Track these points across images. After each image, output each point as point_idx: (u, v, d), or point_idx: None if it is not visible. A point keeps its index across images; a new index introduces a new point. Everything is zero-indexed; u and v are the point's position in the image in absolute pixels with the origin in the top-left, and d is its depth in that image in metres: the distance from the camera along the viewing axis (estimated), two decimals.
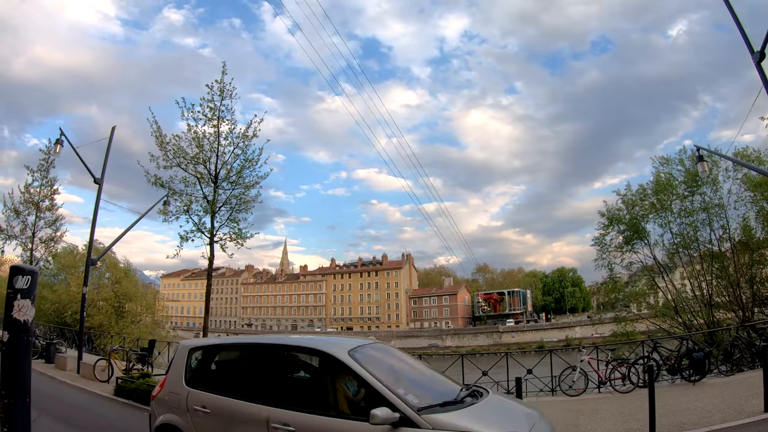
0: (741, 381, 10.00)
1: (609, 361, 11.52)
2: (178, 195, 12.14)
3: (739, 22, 10.59)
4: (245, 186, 12.27)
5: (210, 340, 6.08)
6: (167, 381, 5.48)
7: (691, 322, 19.71)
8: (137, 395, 10.48)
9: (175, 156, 11.72)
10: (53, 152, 17.65)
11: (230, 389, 4.85)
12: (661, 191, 21.34)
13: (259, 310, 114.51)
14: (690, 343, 11.97)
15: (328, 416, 4.00)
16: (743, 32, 10.51)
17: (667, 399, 8.84)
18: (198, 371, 5.37)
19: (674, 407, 8.27)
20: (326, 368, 4.51)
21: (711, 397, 8.81)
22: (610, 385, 10.90)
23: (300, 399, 4.36)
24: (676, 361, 10.90)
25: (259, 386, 4.63)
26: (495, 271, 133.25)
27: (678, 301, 21.14)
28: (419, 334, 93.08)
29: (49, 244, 21.99)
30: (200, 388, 5.03)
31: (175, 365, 5.52)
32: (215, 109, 11.92)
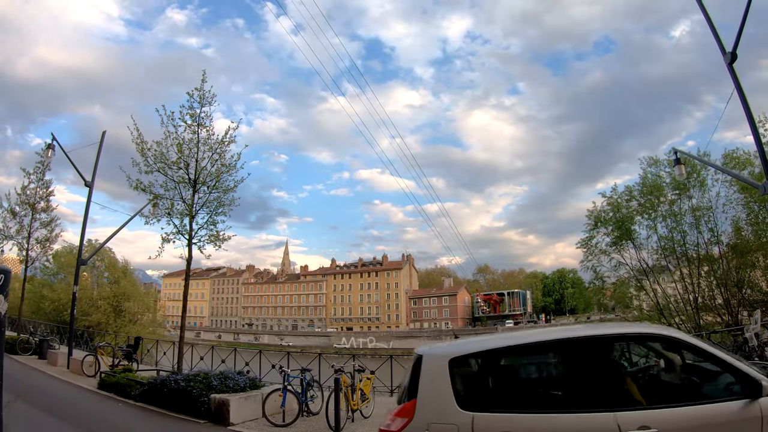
0: None
1: None
2: (159, 198, 12.42)
3: (711, 21, 10.69)
4: (223, 190, 12.53)
5: (481, 344, 4.41)
6: (418, 409, 3.84)
7: (678, 326, 19.30)
8: (118, 389, 10.92)
9: (156, 161, 12.02)
10: (45, 156, 18.00)
11: (540, 401, 3.89)
12: (648, 193, 21.28)
13: (260, 309, 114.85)
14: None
15: (690, 405, 3.44)
16: (716, 33, 10.55)
17: None
18: (478, 387, 4.07)
19: None
20: (672, 352, 3.99)
21: None
22: None
23: (649, 393, 3.75)
24: None
25: (588, 389, 3.70)
26: (496, 271, 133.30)
27: (664, 304, 21.08)
28: (418, 335, 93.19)
29: (45, 245, 22.28)
30: (492, 410, 3.71)
31: (429, 385, 3.91)
32: (195, 116, 12.20)
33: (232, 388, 9.09)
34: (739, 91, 9.90)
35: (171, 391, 9.33)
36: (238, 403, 8.53)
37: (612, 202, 22.29)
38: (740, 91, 9.89)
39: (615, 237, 22.16)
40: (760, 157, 9.93)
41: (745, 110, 9.81)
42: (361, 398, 9.05)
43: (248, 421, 8.51)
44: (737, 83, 9.87)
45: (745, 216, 19.04)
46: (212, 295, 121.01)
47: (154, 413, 9.27)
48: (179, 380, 9.44)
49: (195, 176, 12.24)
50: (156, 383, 9.90)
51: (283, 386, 8.59)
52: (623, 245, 22.14)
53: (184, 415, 8.84)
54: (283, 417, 8.42)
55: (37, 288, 40.50)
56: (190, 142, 12.19)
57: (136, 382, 10.77)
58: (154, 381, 10.15)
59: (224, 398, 8.50)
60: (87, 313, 35.13)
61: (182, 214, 12.37)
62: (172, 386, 9.38)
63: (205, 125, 12.44)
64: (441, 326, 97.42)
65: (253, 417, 8.59)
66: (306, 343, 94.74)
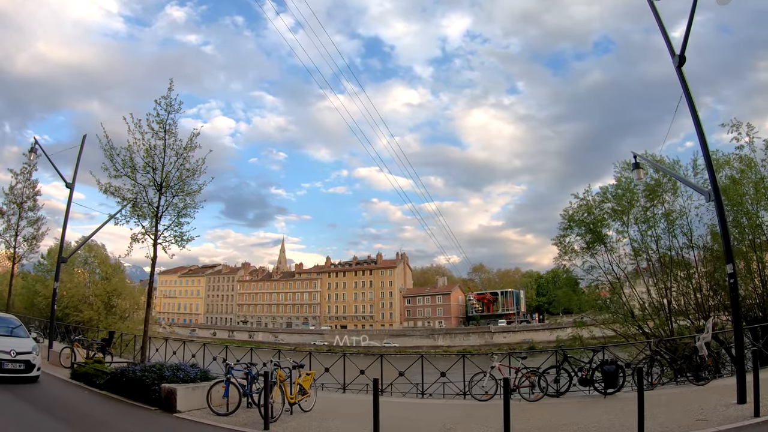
0: (649, 397, 9.55)
1: (519, 368, 11.57)
2: (129, 202, 13.20)
3: (662, 23, 10.30)
4: (186, 193, 13.32)
5: None
6: None
7: (654, 330, 19.35)
8: (87, 378, 11.82)
9: (124, 167, 12.80)
10: (28, 159, 18.80)
11: None
12: (622, 196, 20.97)
13: (255, 307, 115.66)
14: (603, 354, 12.13)
15: None
16: (666, 36, 10.25)
17: (558, 411, 9.39)
18: None
19: (555, 421, 8.65)
20: None
21: (605, 413, 8.87)
22: (518, 392, 11.07)
23: None
24: (588, 372, 10.94)
25: None
26: (491, 271, 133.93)
27: (636, 308, 20.94)
28: (411, 333, 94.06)
29: (32, 242, 23.07)
30: None
31: None
32: (162, 123, 12.98)
33: (183, 379, 9.92)
34: (686, 95, 9.80)
35: (129, 381, 10.20)
36: (184, 393, 9.35)
37: (584, 204, 22.17)
38: (687, 94, 9.77)
39: (587, 241, 22.08)
40: (706, 163, 9.98)
41: (692, 114, 9.70)
42: (301, 393, 9.77)
43: (194, 410, 9.31)
44: (685, 86, 9.76)
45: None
46: (208, 292, 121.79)
47: (114, 400, 10.16)
48: (137, 370, 10.31)
49: (161, 180, 13.01)
50: (117, 373, 10.78)
51: (226, 378, 9.40)
52: (596, 249, 22.05)
53: (139, 403, 9.69)
54: (226, 407, 9.21)
55: (31, 284, 41.34)
56: (156, 148, 12.93)
57: (103, 372, 11.65)
58: (116, 371, 11.00)
59: (173, 387, 9.31)
60: (79, 310, 35.89)
61: (150, 216, 13.15)
62: (129, 376, 10.26)
63: (172, 131, 13.18)
64: (435, 325, 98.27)
65: (200, 406, 9.38)
66: (300, 341, 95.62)
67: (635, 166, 14.52)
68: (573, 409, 9.54)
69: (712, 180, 9.74)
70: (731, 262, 9.12)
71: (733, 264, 9.14)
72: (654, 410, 8.28)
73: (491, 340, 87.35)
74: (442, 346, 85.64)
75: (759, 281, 17.29)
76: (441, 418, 9.44)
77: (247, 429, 8.18)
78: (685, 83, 9.73)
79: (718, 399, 8.70)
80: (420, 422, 9.34)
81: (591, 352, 12.26)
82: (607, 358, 12.11)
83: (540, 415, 9.19)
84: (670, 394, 10.10)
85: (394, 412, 10.10)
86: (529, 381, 11.18)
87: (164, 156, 13.05)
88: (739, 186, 17.26)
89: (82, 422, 8.26)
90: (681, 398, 9.40)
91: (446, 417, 9.49)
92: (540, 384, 11.08)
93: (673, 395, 9.82)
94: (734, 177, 17.67)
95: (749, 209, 17.31)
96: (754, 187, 17.25)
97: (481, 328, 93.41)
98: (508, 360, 12.40)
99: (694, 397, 9.39)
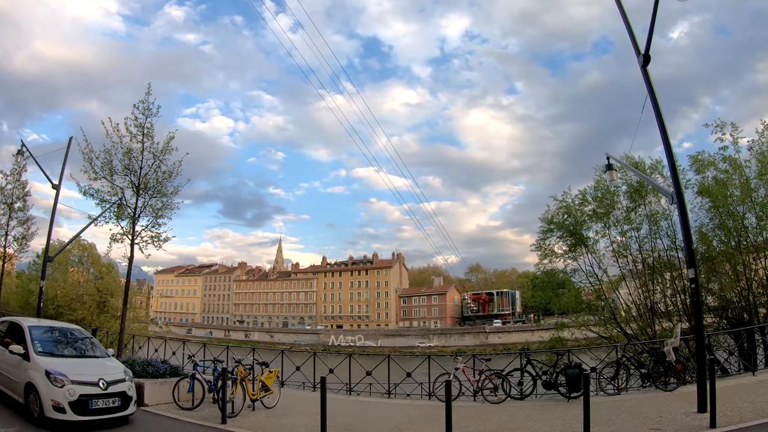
0: (612, 403, 9.90)
1: (482, 371, 11.61)
2: (110, 204, 13.68)
3: (627, 21, 10.31)
4: (162, 194, 13.82)
5: None
6: None
7: (636, 332, 19.04)
8: None
9: (102, 169, 13.29)
10: (15, 162, 19.28)
11: None
12: (602, 198, 20.60)
13: (251, 307, 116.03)
14: (569, 357, 12.10)
15: None
16: (632, 35, 10.28)
17: (516, 414, 9.60)
18: None
19: (511, 424, 8.86)
20: None
21: (561, 418, 8.93)
22: (480, 394, 11.25)
23: None
24: (552, 376, 10.94)
25: None
26: (488, 271, 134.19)
27: (617, 311, 20.79)
28: (406, 333, 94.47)
29: (22, 242, 23.53)
30: None
31: None
32: (141, 127, 13.46)
33: (152, 374, 10.39)
34: (651, 95, 9.64)
35: None
36: (152, 387, 9.85)
37: (564, 206, 21.85)
38: (652, 94, 9.63)
39: (569, 244, 21.84)
40: (669, 165, 9.74)
41: (656, 116, 9.50)
42: (264, 390, 10.18)
43: (162, 404, 9.81)
44: (650, 86, 9.60)
45: (708, 221, 18.27)
46: (204, 291, 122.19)
47: None
48: None
49: (138, 182, 13.49)
50: None
51: (191, 374, 9.88)
52: (578, 252, 21.79)
53: None
54: (192, 402, 9.68)
55: (26, 283, 41.80)
56: (133, 151, 13.43)
57: None
58: None
59: (141, 382, 9.78)
60: (72, 309, 36.30)
61: (128, 217, 13.63)
62: None
63: (150, 135, 13.67)
64: (430, 325, 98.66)
65: (167, 401, 9.85)
66: (296, 341, 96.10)
67: (608, 167, 14.23)
68: (531, 413, 9.66)
69: (675, 182, 9.43)
70: (693, 266, 8.89)
71: (695, 269, 8.89)
72: (612, 416, 8.49)
73: (486, 341, 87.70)
74: (437, 346, 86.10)
75: (745, 284, 16.99)
76: (398, 417, 9.76)
77: (205, 423, 8.64)
78: (650, 83, 9.63)
79: (681, 407, 8.67)
80: (376, 421, 9.66)
81: (555, 355, 12.11)
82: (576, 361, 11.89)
83: (497, 417, 9.38)
84: (635, 399, 10.08)
85: (357, 410, 10.56)
86: (492, 383, 11.23)
87: (142, 158, 13.54)
88: (724, 188, 16.98)
89: None
90: (644, 405, 9.38)
91: (404, 417, 9.83)
92: (504, 386, 11.13)
93: (637, 401, 9.80)
94: (719, 179, 17.34)
95: (734, 211, 17.07)
96: (740, 188, 16.97)
97: (476, 328, 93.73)
98: (473, 362, 12.43)
99: (657, 403, 9.36)
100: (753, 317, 16.73)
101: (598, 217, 20.82)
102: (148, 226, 13.88)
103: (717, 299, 18.19)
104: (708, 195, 17.45)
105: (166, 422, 8.68)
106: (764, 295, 17.02)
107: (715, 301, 18.19)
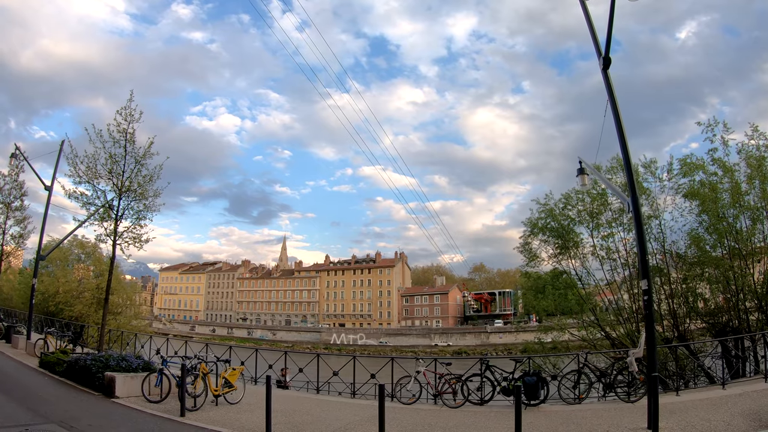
0: (566, 413, 9.90)
1: (442, 374, 11.67)
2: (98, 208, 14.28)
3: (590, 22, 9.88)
4: (144, 197, 14.41)
5: None
6: None
7: (622, 337, 18.73)
8: (50, 366, 12.98)
9: (86, 174, 13.90)
10: (10, 165, 19.99)
11: None
12: (593, 200, 20.41)
13: (254, 305, 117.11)
14: (530, 364, 12.21)
15: None
16: (594, 37, 9.85)
17: (466, 419, 9.72)
18: None
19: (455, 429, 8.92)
20: None
21: (507, 425, 8.77)
22: (440, 398, 11.29)
23: None
24: (510, 383, 10.92)
25: None
26: (491, 270, 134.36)
27: (604, 314, 20.89)
28: (408, 332, 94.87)
29: (18, 240, 24.23)
30: None
31: None
32: (123, 132, 14.03)
33: (125, 368, 10.96)
34: (610, 98, 9.51)
35: (80, 368, 11.37)
36: (123, 380, 10.41)
37: (546, 209, 21.88)
38: (612, 98, 9.50)
39: (555, 247, 21.90)
40: (626, 171, 9.58)
41: (615, 119, 9.44)
42: (227, 386, 10.63)
43: (132, 396, 10.35)
44: (610, 89, 9.44)
45: (697, 225, 17.92)
46: (208, 289, 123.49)
47: (66, 385, 11.35)
48: (87, 360, 11.43)
49: (120, 186, 14.07)
50: (72, 362, 11.93)
51: (159, 369, 10.42)
52: (563, 255, 21.83)
53: (86, 388, 10.88)
54: (160, 395, 10.22)
55: (27, 280, 42.71)
56: (116, 156, 14.00)
57: (64, 361, 12.71)
58: (71, 360, 12.13)
59: (113, 375, 10.37)
60: (71, 305, 37.08)
61: (111, 219, 14.21)
62: (81, 364, 11.42)
63: (132, 140, 14.23)
64: (432, 324, 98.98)
65: (137, 394, 10.40)
66: (298, 339, 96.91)
67: (579, 171, 13.84)
68: (481, 418, 9.69)
69: (631, 189, 9.09)
70: (646, 277, 8.52)
71: (648, 279, 8.50)
72: (561, 428, 8.55)
73: (487, 341, 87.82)
74: (439, 346, 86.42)
75: (735, 289, 16.74)
76: (350, 417, 9.97)
77: (165, 415, 9.15)
78: (610, 86, 9.45)
79: (634, 421, 8.60)
80: (327, 421, 9.77)
81: (514, 362, 11.95)
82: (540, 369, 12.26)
83: (446, 422, 9.43)
84: (591, 410, 9.95)
85: (314, 410, 10.81)
86: (451, 387, 11.30)
87: (124, 163, 14.11)
88: (713, 191, 16.74)
89: (29, 400, 9.46)
90: (598, 416, 9.32)
91: (358, 417, 10.00)
92: (463, 391, 11.16)
93: (592, 412, 9.73)
94: (710, 182, 17.11)
95: (723, 214, 16.79)
96: (730, 193, 16.73)
97: (478, 328, 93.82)
98: (434, 365, 12.36)
99: (612, 416, 9.30)
100: (743, 324, 16.64)
101: (584, 220, 20.74)
102: (130, 228, 14.44)
103: (706, 305, 18.07)
104: (696, 198, 17.24)
105: (130, 413, 9.18)
106: (753, 301, 16.72)
107: (705, 307, 18.07)
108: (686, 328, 18.00)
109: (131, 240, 14.45)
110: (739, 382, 12.22)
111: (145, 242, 14.65)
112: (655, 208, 18.95)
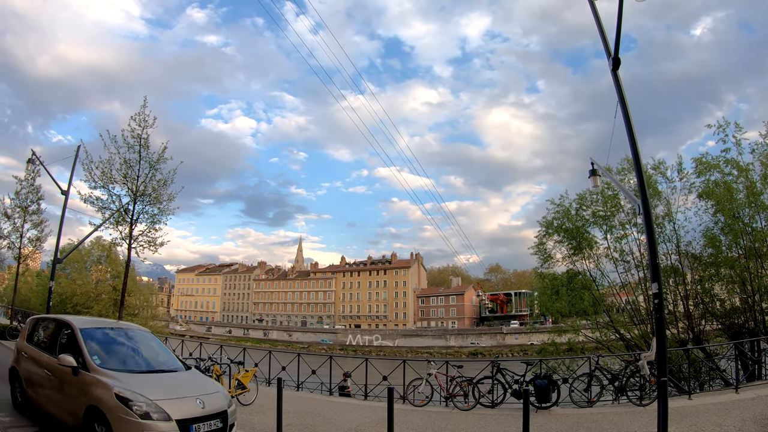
0: (577, 416, 9.78)
1: (453, 377, 11.63)
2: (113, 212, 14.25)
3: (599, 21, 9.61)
4: (158, 201, 14.37)
5: None
6: None
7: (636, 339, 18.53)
8: None
9: (101, 179, 13.88)
10: (27, 171, 20.18)
11: None
12: (606, 201, 19.96)
13: (270, 306, 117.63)
14: (541, 367, 11.92)
15: None
16: (603, 36, 9.46)
17: (476, 422, 9.51)
18: None
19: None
20: None
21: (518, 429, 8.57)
22: (451, 401, 11.25)
23: None
24: (520, 385, 10.78)
25: None
26: (507, 271, 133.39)
27: (620, 316, 20.60)
28: (423, 333, 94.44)
29: (36, 243, 24.46)
30: None
31: None
32: (138, 138, 13.99)
33: None
34: (620, 100, 9.21)
35: None
36: None
37: (561, 210, 21.54)
38: (622, 99, 9.18)
39: (570, 248, 21.46)
40: (636, 173, 9.17)
41: (625, 121, 9.18)
42: (240, 388, 10.44)
43: None
44: (620, 90, 9.12)
45: (713, 225, 17.56)
46: (224, 290, 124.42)
47: None
48: None
49: (135, 190, 14.02)
50: None
51: None
52: (579, 255, 21.38)
53: None
54: None
55: (45, 281, 43.37)
56: (131, 161, 13.97)
57: None
58: None
59: None
60: (89, 306, 37.48)
61: (126, 222, 14.16)
62: None
63: (146, 145, 14.18)
64: (448, 325, 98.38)
65: None
66: (314, 340, 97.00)
67: (592, 173, 13.33)
68: (491, 421, 9.58)
69: (642, 191, 8.73)
70: (657, 281, 8.18)
71: (659, 283, 8.18)
72: (570, 431, 8.46)
73: (503, 342, 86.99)
74: (454, 347, 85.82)
75: (750, 290, 16.37)
76: (362, 419, 9.81)
77: None
78: (620, 87, 9.12)
79: (643, 425, 8.53)
80: (339, 422, 9.62)
81: (525, 364, 11.81)
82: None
83: (456, 425, 9.29)
84: (602, 414, 9.85)
85: (326, 411, 10.61)
86: (462, 390, 11.21)
87: (139, 168, 14.06)
88: (728, 191, 16.57)
89: None
90: (608, 420, 9.23)
91: (369, 419, 9.88)
92: (474, 394, 11.06)
93: (603, 416, 9.62)
94: (725, 182, 16.90)
95: (739, 214, 16.56)
96: (745, 192, 16.58)
97: (493, 329, 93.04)
98: (446, 368, 12.26)
99: (622, 419, 9.19)
100: (759, 325, 16.30)
101: (599, 221, 20.37)
102: (144, 231, 14.40)
103: (722, 306, 17.60)
104: (711, 198, 17.01)
105: None
106: None
107: (721, 308, 17.60)
108: (702, 329, 17.71)
109: (146, 243, 14.41)
110: (753, 385, 12.07)
111: (160, 245, 14.64)
112: (668, 208, 18.58)
